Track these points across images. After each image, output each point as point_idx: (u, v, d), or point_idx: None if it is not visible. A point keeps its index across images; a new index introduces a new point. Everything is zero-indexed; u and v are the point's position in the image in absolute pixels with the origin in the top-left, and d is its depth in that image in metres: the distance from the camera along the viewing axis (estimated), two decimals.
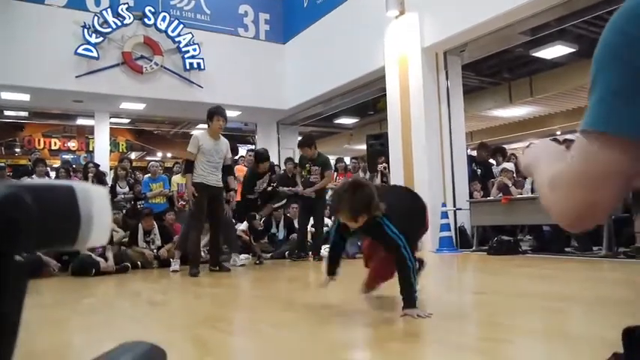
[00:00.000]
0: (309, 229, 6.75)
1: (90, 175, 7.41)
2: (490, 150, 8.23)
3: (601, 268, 4.75)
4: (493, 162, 8.00)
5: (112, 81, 9.04)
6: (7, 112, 11.13)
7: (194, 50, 9.64)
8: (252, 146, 11.74)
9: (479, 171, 7.72)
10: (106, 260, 5.62)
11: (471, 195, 7.23)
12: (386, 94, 8.02)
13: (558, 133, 13.98)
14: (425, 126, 7.24)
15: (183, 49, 9.59)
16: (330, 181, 6.97)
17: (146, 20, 9.35)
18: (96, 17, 8.85)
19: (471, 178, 7.50)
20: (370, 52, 8.21)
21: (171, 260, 5.73)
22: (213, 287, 4.44)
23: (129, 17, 9.11)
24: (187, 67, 9.61)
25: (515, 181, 6.77)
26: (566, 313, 2.59)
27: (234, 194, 5.99)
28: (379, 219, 2.37)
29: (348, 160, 10.06)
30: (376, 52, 8.07)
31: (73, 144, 15.55)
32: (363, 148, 10.61)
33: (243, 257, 6.18)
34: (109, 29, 8.97)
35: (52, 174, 8.46)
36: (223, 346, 2.16)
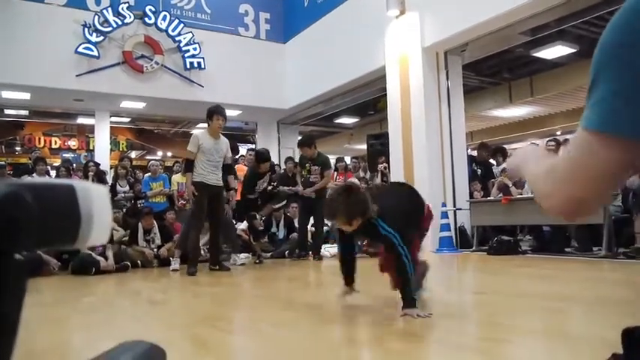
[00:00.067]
0: (309, 228, 6.75)
1: (90, 173, 7.42)
2: (490, 150, 8.23)
3: (601, 269, 4.75)
4: (493, 162, 8.00)
5: (113, 80, 9.04)
6: (7, 111, 11.13)
7: (194, 49, 9.64)
8: (253, 145, 11.75)
9: (479, 171, 7.72)
10: (106, 259, 5.62)
11: (471, 195, 7.23)
12: (386, 94, 8.02)
13: (558, 133, 13.97)
14: (425, 126, 7.24)
15: (184, 49, 9.59)
16: (329, 181, 6.97)
17: (146, 19, 9.35)
18: (96, 16, 8.85)
19: (471, 178, 7.50)
20: (371, 52, 8.21)
21: (171, 259, 5.74)
22: (213, 286, 4.44)
23: (129, 16, 9.11)
24: (188, 66, 9.61)
25: (515, 181, 6.77)
26: (566, 313, 2.59)
27: (234, 193, 5.99)
28: (373, 220, 2.42)
29: (348, 159, 10.05)
30: (376, 52, 8.06)
31: (73, 143, 15.55)
32: (364, 147, 10.61)
33: (243, 256, 6.19)
34: (110, 28, 8.97)
35: (53, 173, 8.45)
36: (223, 345, 2.16)
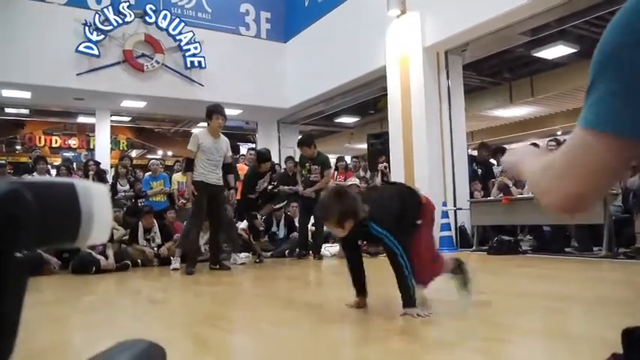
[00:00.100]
0: (310, 228, 6.75)
1: (90, 172, 7.42)
2: (491, 150, 8.23)
3: (601, 269, 4.75)
4: (494, 162, 7.99)
5: (113, 79, 9.04)
6: (8, 110, 11.13)
7: (195, 48, 9.64)
8: (253, 145, 11.75)
9: (479, 171, 7.72)
10: (107, 258, 5.62)
11: (471, 195, 7.23)
12: (387, 94, 8.01)
13: (559, 133, 13.97)
14: (426, 125, 7.24)
15: (184, 48, 9.59)
16: (329, 180, 6.97)
17: (147, 18, 9.35)
18: (97, 15, 8.85)
19: (472, 177, 7.50)
20: (371, 52, 8.20)
21: (172, 258, 5.74)
22: (213, 285, 4.44)
23: (130, 15, 9.11)
24: (188, 65, 9.61)
25: (515, 181, 6.77)
26: (566, 313, 2.59)
27: (234, 192, 5.99)
28: (365, 222, 2.44)
29: (348, 159, 10.04)
30: (377, 52, 8.06)
31: (73, 142, 15.57)
32: (364, 147, 10.61)
33: (243, 256, 6.19)
34: (110, 27, 8.96)
35: (53, 172, 8.46)
36: (223, 344, 2.16)
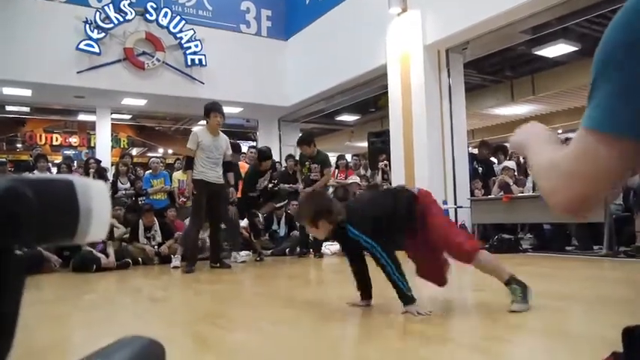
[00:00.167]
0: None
1: (91, 170, 7.42)
2: (491, 148, 8.22)
3: (601, 267, 4.74)
4: (494, 160, 7.99)
5: (114, 77, 9.03)
6: (8, 108, 11.12)
7: (196, 46, 9.63)
8: (254, 143, 11.74)
9: (480, 169, 7.71)
10: (107, 256, 5.63)
11: (472, 193, 7.23)
12: (387, 92, 8.01)
13: (560, 131, 13.93)
14: (426, 124, 7.23)
15: (185, 46, 9.58)
16: (329, 179, 6.97)
17: (148, 16, 9.33)
18: (98, 13, 8.84)
19: (472, 176, 7.50)
20: (372, 50, 8.20)
21: (172, 256, 5.75)
22: (213, 284, 4.44)
23: (131, 13, 9.10)
24: (189, 63, 9.60)
25: (516, 179, 6.77)
26: (566, 311, 2.59)
27: (234, 190, 5.99)
28: (342, 225, 2.49)
29: (349, 157, 10.04)
30: (378, 50, 8.05)
31: (74, 140, 15.56)
32: (365, 145, 10.60)
33: (243, 254, 6.19)
34: (111, 25, 8.96)
35: (54, 170, 8.46)
36: (223, 342, 2.16)
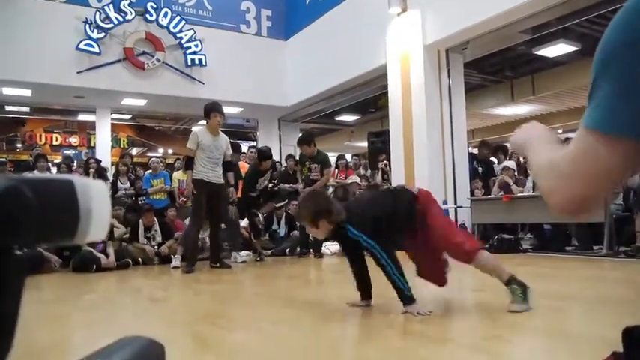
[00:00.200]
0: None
1: (91, 170, 7.42)
2: (491, 148, 8.22)
3: (601, 267, 4.74)
4: (494, 160, 7.99)
5: (114, 77, 9.03)
6: (8, 108, 11.12)
7: (196, 46, 9.63)
8: (254, 143, 11.74)
9: (480, 169, 7.71)
10: (107, 256, 5.62)
11: (472, 193, 7.23)
12: (387, 92, 8.01)
13: (560, 131, 13.94)
14: (426, 124, 7.23)
15: (185, 45, 9.58)
16: (329, 179, 6.97)
17: (148, 16, 9.33)
18: (98, 13, 8.84)
19: (472, 176, 7.49)
20: (372, 50, 8.19)
21: (172, 256, 5.75)
22: (213, 284, 4.44)
23: (131, 13, 9.10)
24: (189, 63, 9.60)
25: (516, 179, 6.77)
26: (566, 311, 2.59)
27: (234, 190, 5.99)
28: (342, 225, 2.50)
29: (349, 157, 10.03)
30: (378, 50, 8.05)
31: (74, 140, 15.55)
32: (365, 145, 10.60)
33: (243, 254, 6.19)
34: (111, 25, 8.95)
35: (54, 170, 8.46)
36: (223, 342, 2.16)
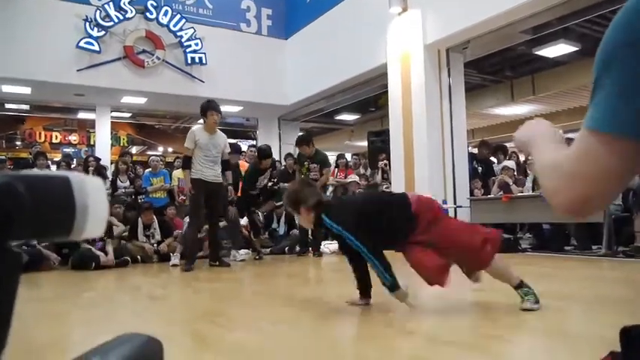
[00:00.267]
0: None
1: (90, 168, 7.42)
2: (491, 148, 8.23)
3: (600, 267, 4.75)
4: (494, 160, 7.99)
5: (114, 75, 9.03)
6: (8, 105, 11.09)
7: (196, 45, 9.62)
8: (254, 142, 11.74)
9: (480, 169, 7.71)
10: (106, 254, 5.63)
11: (471, 192, 7.23)
12: (387, 91, 8.00)
13: (560, 132, 13.92)
14: (426, 123, 7.23)
15: (185, 44, 9.57)
16: (328, 178, 6.98)
17: (148, 14, 9.32)
18: (98, 11, 8.82)
19: (472, 175, 7.50)
20: (372, 49, 8.19)
21: (171, 255, 5.75)
22: (212, 282, 4.44)
23: (131, 11, 9.09)
24: (189, 61, 9.59)
25: (515, 179, 6.77)
26: (565, 311, 2.59)
27: (232, 189, 5.98)
28: (322, 215, 2.62)
29: (349, 156, 10.03)
30: (378, 49, 8.05)
31: (74, 137, 15.53)
32: (364, 144, 10.60)
33: (243, 252, 6.19)
34: (111, 23, 8.94)
35: (53, 167, 8.46)
36: (222, 341, 2.16)
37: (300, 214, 2.75)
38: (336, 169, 8.25)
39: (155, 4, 9.37)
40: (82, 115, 11.89)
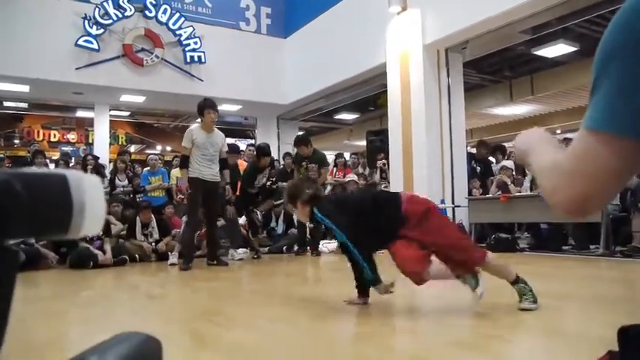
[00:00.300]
0: (308, 224, 6.75)
1: (89, 167, 7.41)
2: (490, 148, 8.23)
3: (598, 267, 4.76)
4: (493, 160, 8.00)
5: (112, 73, 9.01)
6: (6, 104, 11.08)
7: (195, 43, 9.61)
8: (252, 141, 11.73)
9: (478, 168, 7.71)
10: (104, 253, 5.62)
11: (470, 192, 7.24)
12: (387, 91, 8.01)
13: (558, 131, 13.97)
14: (425, 123, 7.23)
15: (184, 42, 9.56)
16: (327, 178, 6.98)
17: (147, 12, 9.30)
18: (97, 9, 8.81)
19: (471, 175, 7.50)
20: (372, 48, 8.19)
21: (170, 254, 5.74)
22: (210, 281, 4.44)
23: (130, 9, 9.07)
24: (188, 60, 9.58)
25: (514, 179, 6.78)
26: (564, 311, 2.60)
27: (229, 188, 5.98)
28: (314, 209, 2.72)
29: (347, 155, 10.03)
30: (378, 48, 8.04)
31: (72, 136, 15.51)
32: (363, 144, 10.59)
33: (241, 251, 6.19)
34: (110, 21, 8.93)
35: (51, 166, 8.44)
36: (221, 340, 2.16)
37: (297, 208, 2.82)
38: (334, 169, 8.25)
39: (154, 3, 9.35)
40: (80, 113, 11.88)
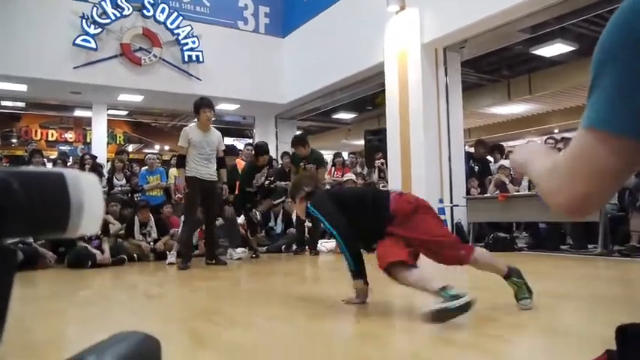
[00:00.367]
0: (307, 223, 6.76)
1: (86, 166, 7.40)
2: (488, 147, 8.24)
3: (596, 266, 4.77)
4: (491, 159, 8.01)
5: (110, 72, 9.00)
6: (4, 103, 11.05)
7: (193, 43, 9.60)
8: (250, 140, 11.73)
9: (476, 168, 7.72)
10: (103, 252, 5.61)
11: (468, 192, 7.25)
12: (385, 90, 8.01)
13: (556, 131, 14.00)
14: (423, 122, 7.24)
15: (182, 42, 9.55)
16: (324, 177, 6.97)
17: (145, 12, 9.29)
18: (95, 8, 8.79)
19: (469, 174, 7.51)
20: (370, 48, 8.19)
21: (168, 253, 5.73)
22: (209, 280, 4.44)
23: (128, 8, 9.05)
24: (186, 59, 9.57)
25: (512, 178, 6.78)
26: (562, 310, 2.60)
27: (226, 187, 5.98)
28: (309, 204, 2.82)
29: (346, 155, 10.03)
30: (376, 48, 8.04)
31: (70, 135, 15.47)
32: (361, 143, 10.60)
33: (239, 251, 6.19)
34: (108, 20, 8.91)
35: (49, 165, 8.42)
36: (219, 339, 2.16)
37: (296, 203, 2.97)
38: (332, 168, 8.26)
39: (152, 2, 9.34)
40: (78, 112, 11.85)
